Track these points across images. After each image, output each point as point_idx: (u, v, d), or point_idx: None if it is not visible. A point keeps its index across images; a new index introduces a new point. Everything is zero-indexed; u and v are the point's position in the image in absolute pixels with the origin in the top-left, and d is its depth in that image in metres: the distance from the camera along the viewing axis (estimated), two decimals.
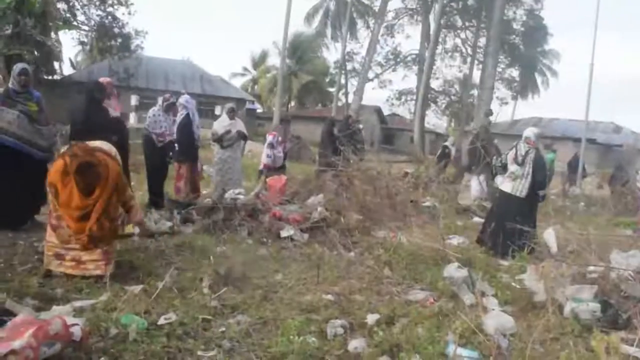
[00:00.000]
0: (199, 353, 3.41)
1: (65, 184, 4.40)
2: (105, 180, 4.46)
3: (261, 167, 10.82)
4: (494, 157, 8.27)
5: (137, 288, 4.36)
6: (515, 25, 36.04)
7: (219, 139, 9.35)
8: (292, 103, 50.02)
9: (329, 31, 40.79)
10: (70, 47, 61.67)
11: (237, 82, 46.16)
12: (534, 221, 7.03)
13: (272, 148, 10.60)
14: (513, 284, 5.41)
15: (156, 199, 7.89)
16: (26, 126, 6.02)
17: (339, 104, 37.22)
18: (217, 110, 28.29)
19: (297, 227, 7.03)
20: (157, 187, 8.17)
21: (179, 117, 8.38)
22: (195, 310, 4.03)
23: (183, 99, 8.53)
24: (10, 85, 6.19)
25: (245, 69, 50.13)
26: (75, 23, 25.88)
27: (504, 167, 7.27)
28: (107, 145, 4.94)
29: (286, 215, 7.32)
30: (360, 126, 16.60)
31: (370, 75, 36.36)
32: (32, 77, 6.46)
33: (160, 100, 8.45)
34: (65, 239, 4.53)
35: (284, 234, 6.84)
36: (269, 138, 10.78)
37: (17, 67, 6.28)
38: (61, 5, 24.74)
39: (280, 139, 10.74)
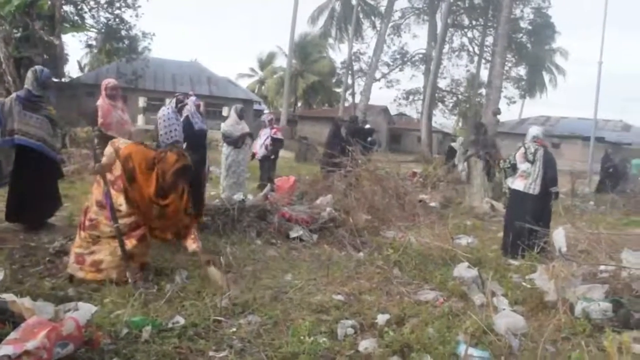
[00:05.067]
0: (211, 354, 3.42)
1: (144, 173, 4.45)
2: (182, 190, 4.61)
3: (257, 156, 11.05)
4: (502, 161, 8.28)
5: (148, 290, 4.39)
6: (522, 24, 35.86)
7: (236, 141, 9.36)
8: (299, 104, 50.03)
9: (334, 31, 40.73)
10: (77, 49, 62.02)
11: (244, 83, 46.17)
12: (548, 220, 7.02)
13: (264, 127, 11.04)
14: (523, 283, 5.39)
15: None
16: (48, 129, 6.07)
17: (346, 104, 37.20)
18: (225, 111, 28.34)
19: (306, 228, 7.06)
20: None
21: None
22: (205, 310, 4.03)
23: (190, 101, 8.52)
24: (29, 88, 6.02)
25: (252, 69, 50.19)
26: (83, 25, 25.99)
27: (514, 168, 7.24)
28: None
29: (295, 215, 7.34)
30: (367, 126, 16.64)
31: (377, 75, 36.27)
32: (52, 80, 6.45)
33: (172, 101, 8.46)
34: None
35: (293, 234, 6.86)
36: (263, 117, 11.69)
37: (37, 70, 6.12)
38: (69, 8, 24.86)
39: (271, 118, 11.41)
